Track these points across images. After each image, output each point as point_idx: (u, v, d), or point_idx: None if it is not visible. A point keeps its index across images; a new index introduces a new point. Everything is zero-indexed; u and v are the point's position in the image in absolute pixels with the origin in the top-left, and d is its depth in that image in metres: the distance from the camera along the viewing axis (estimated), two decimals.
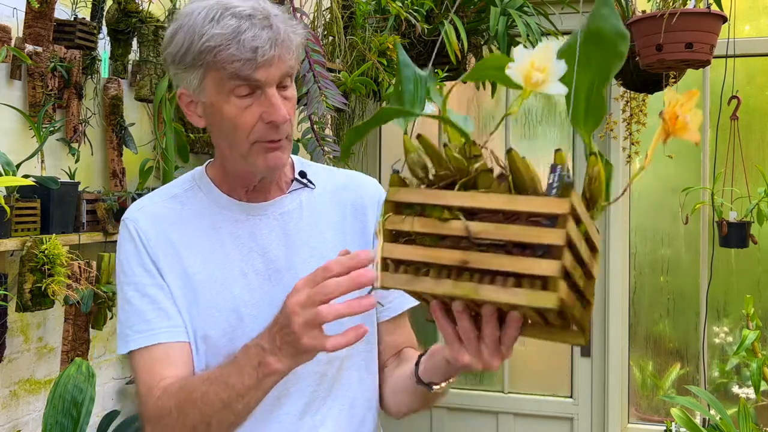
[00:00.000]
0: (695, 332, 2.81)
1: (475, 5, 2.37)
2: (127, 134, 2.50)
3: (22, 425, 2.16)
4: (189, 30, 1.00)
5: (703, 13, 2.08)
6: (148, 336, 1.07)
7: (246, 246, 1.12)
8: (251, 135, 1.03)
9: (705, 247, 2.71)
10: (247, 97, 1.01)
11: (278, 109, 1.01)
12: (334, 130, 2.61)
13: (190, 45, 1.00)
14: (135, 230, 1.11)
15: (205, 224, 1.12)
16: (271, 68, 1.00)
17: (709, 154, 2.70)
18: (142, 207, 1.14)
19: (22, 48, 2.05)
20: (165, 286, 1.09)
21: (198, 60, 1.00)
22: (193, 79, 1.03)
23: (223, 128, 1.05)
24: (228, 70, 0.98)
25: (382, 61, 2.16)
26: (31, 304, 1.97)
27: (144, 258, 1.09)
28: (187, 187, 1.16)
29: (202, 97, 1.04)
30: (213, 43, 0.98)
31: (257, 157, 1.05)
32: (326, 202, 1.19)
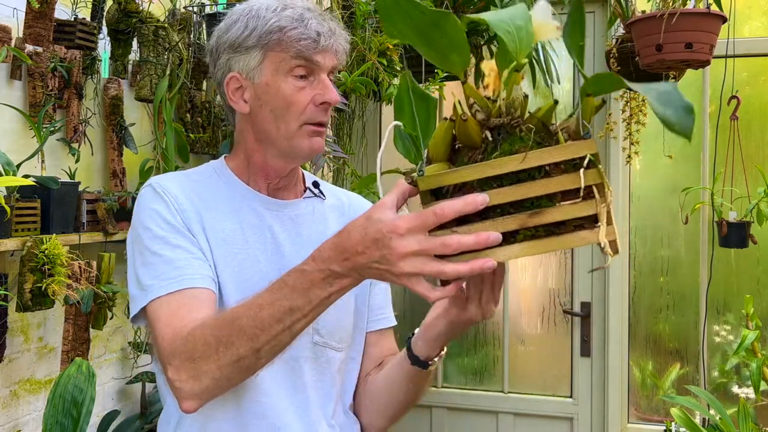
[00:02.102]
0: (695, 332, 2.81)
1: (475, 5, 2.37)
2: (127, 134, 2.50)
3: (23, 425, 2.16)
4: (253, 17, 1.09)
5: (703, 13, 2.08)
6: (179, 281, 1.03)
7: (263, 236, 1.14)
8: (303, 115, 1.09)
9: (705, 247, 2.71)
10: (303, 79, 1.09)
11: (332, 90, 1.10)
12: (334, 130, 2.61)
13: (254, 28, 1.08)
14: (163, 192, 1.11)
15: (227, 207, 1.14)
16: (327, 54, 1.09)
17: (709, 154, 2.70)
18: (167, 176, 1.16)
19: (23, 48, 2.05)
20: (195, 240, 1.08)
21: (263, 39, 1.08)
22: (252, 60, 1.09)
23: (275, 107, 1.10)
24: (293, 48, 1.07)
25: (382, 61, 2.17)
26: (31, 304, 1.97)
27: (175, 215, 1.09)
28: (206, 174, 1.19)
29: (257, 78, 1.10)
30: (283, 24, 1.07)
31: (303, 139, 1.10)
32: (333, 214, 1.24)
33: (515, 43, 0.76)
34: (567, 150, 0.73)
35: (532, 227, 0.73)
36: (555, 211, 0.73)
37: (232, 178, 1.18)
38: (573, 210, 0.73)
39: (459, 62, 0.77)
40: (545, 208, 0.73)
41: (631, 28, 2.23)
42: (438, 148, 0.80)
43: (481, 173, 0.73)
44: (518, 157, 0.73)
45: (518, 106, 0.78)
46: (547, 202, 0.73)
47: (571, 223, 0.74)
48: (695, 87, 2.75)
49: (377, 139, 3.06)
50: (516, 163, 0.73)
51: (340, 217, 1.24)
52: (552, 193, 0.73)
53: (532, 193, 0.73)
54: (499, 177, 0.74)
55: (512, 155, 0.74)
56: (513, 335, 2.99)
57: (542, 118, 0.76)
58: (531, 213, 0.73)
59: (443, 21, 0.73)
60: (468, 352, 3.05)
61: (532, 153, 0.73)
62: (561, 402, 2.93)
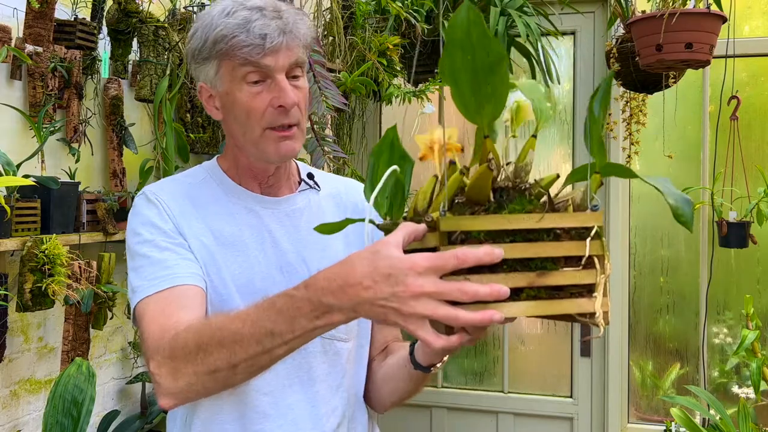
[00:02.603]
0: (695, 332, 2.81)
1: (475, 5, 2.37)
2: (127, 134, 2.50)
3: (23, 425, 2.16)
4: (206, 25, 1.08)
5: (703, 13, 2.08)
6: (168, 279, 1.04)
7: (260, 235, 1.14)
8: (262, 120, 1.07)
9: (705, 247, 2.71)
10: (257, 84, 1.07)
11: (287, 93, 1.06)
12: (334, 130, 2.61)
13: (206, 38, 1.08)
14: (157, 200, 1.12)
15: (222, 210, 1.15)
16: (278, 55, 1.06)
17: (709, 154, 2.70)
18: (160, 184, 1.17)
19: (23, 48, 2.05)
20: (187, 245, 1.09)
21: (213, 50, 1.07)
22: (210, 70, 1.10)
23: (237, 115, 1.09)
24: (238, 57, 1.05)
25: (382, 61, 2.16)
26: (31, 304, 1.97)
27: (166, 221, 1.10)
28: (200, 178, 1.19)
29: (219, 87, 1.10)
30: (225, 32, 1.05)
31: (268, 144, 1.09)
32: (330, 205, 1.24)
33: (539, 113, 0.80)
34: (579, 218, 0.77)
35: (536, 287, 0.76)
36: (559, 275, 0.76)
37: (225, 179, 1.18)
38: (576, 276, 0.76)
39: (490, 114, 0.76)
40: (550, 270, 0.76)
41: (631, 28, 2.23)
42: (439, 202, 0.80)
43: (498, 224, 0.75)
44: (535, 216, 0.75)
45: (528, 171, 0.81)
46: (552, 265, 0.76)
47: (569, 290, 0.77)
48: (695, 87, 2.75)
49: (377, 139, 3.06)
50: (532, 221, 0.75)
51: (337, 206, 1.24)
52: (557, 257, 0.76)
53: (543, 253, 0.75)
54: (512, 232, 0.75)
55: (528, 213, 0.76)
56: (513, 335, 2.99)
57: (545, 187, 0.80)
58: (539, 273, 0.75)
59: (499, 68, 0.72)
60: (468, 352, 3.05)
61: (549, 215, 0.76)
62: (561, 402, 2.93)
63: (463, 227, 0.75)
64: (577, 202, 0.79)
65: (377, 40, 2.18)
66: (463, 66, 0.73)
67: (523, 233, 0.75)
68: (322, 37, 2.26)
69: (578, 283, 0.76)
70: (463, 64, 0.73)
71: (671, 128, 2.68)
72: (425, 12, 2.32)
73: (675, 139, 2.77)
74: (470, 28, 0.71)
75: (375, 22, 2.27)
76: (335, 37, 2.21)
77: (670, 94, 2.54)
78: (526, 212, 0.76)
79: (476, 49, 0.71)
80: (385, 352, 1.26)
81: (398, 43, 2.21)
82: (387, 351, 1.26)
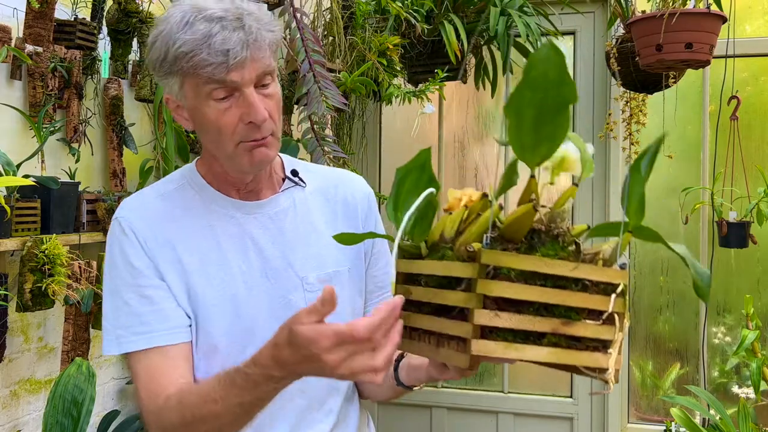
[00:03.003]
0: (695, 332, 2.81)
1: (475, 5, 2.37)
2: (127, 134, 2.50)
3: (23, 425, 2.16)
4: (165, 36, 1.01)
5: (703, 13, 2.08)
6: (147, 338, 1.06)
7: (242, 244, 1.11)
8: (234, 136, 1.03)
9: (705, 247, 2.71)
10: (225, 100, 1.02)
11: (256, 108, 1.01)
12: (334, 130, 2.61)
13: (166, 52, 1.01)
14: (130, 230, 1.09)
15: (200, 223, 1.11)
16: (244, 69, 1.00)
17: (709, 154, 2.70)
18: (134, 207, 1.12)
19: (23, 48, 2.05)
20: (164, 285, 1.08)
21: (174, 66, 1.01)
22: (174, 84, 1.04)
23: (207, 131, 1.05)
24: (202, 75, 0.99)
25: (382, 61, 2.16)
26: (31, 304, 1.97)
27: (142, 258, 1.08)
28: (177, 185, 1.15)
29: (185, 102, 1.05)
30: (185, 49, 0.98)
31: (242, 156, 1.05)
32: (318, 201, 1.20)
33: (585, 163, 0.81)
34: (608, 274, 0.77)
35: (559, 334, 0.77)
36: (582, 326, 0.77)
37: (203, 185, 1.14)
38: (597, 330, 0.77)
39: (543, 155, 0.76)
40: (574, 320, 0.76)
41: (631, 28, 2.23)
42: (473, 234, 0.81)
43: (535, 266, 0.75)
44: (570, 264, 0.76)
45: (564, 218, 0.81)
46: (576, 315, 0.77)
47: (586, 342, 0.78)
48: (695, 87, 2.75)
49: (377, 139, 3.06)
50: (567, 269, 0.76)
51: (326, 202, 1.20)
52: (581, 308, 0.77)
53: (570, 302, 0.76)
54: (544, 276, 0.76)
55: (562, 260, 0.77)
56: None
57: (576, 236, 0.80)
58: (564, 321, 0.76)
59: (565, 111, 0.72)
60: None
61: (583, 266, 0.76)
62: (561, 402, 2.93)
63: (504, 263, 0.75)
64: (606, 256, 0.80)
65: (377, 40, 2.18)
66: (531, 103, 0.72)
67: (554, 279, 0.76)
68: (322, 37, 2.26)
69: (597, 337, 0.77)
70: (532, 101, 0.72)
71: (671, 128, 2.68)
72: (425, 12, 2.32)
73: (675, 139, 2.77)
74: (548, 68, 0.70)
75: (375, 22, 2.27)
76: (335, 37, 2.21)
77: (670, 94, 2.54)
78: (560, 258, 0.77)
79: (549, 89, 0.71)
80: None
81: (398, 43, 2.21)
82: None
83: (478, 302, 0.74)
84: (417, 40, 2.31)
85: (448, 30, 2.22)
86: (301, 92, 1.81)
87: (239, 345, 1.08)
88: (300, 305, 1.11)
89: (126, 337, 1.07)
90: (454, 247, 0.82)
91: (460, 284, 0.78)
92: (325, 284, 1.10)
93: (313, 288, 1.13)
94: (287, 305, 1.11)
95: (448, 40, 2.20)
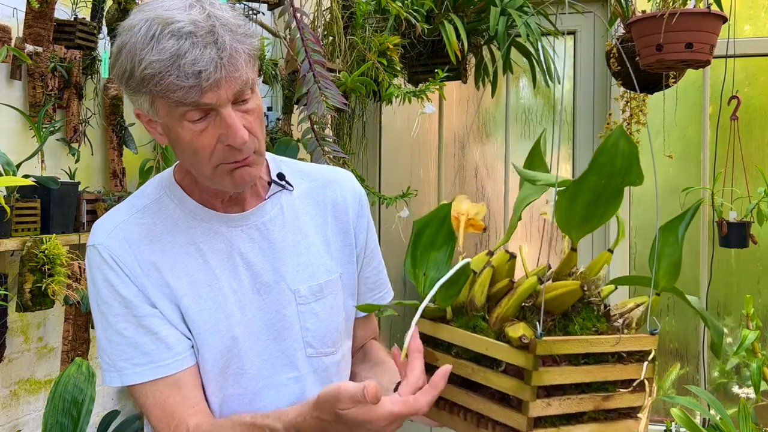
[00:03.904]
0: (695, 332, 2.81)
1: (475, 5, 2.37)
2: (127, 134, 2.50)
3: (22, 425, 2.16)
4: (130, 51, 0.92)
5: (703, 13, 2.08)
6: (152, 369, 1.01)
7: (230, 260, 1.06)
8: (213, 158, 0.96)
9: (705, 247, 2.71)
10: (200, 121, 0.93)
11: (235, 131, 0.93)
12: (334, 130, 2.60)
13: (132, 69, 0.92)
14: (111, 258, 1.02)
15: (183, 240, 1.05)
16: (220, 90, 0.91)
17: (709, 154, 2.69)
18: (112, 230, 1.04)
19: (22, 48, 2.05)
20: (157, 312, 1.02)
21: (141, 87, 0.92)
22: (144, 102, 0.95)
23: (183, 151, 0.98)
24: (172, 99, 0.90)
25: (382, 61, 2.16)
26: (31, 304, 1.97)
27: (129, 286, 1.01)
28: (155, 196, 1.08)
29: (158, 118, 0.97)
30: (152, 71, 0.89)
31: (223, 178, 0.99)
32: (306, 204, 1.14)
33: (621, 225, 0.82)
34: (642, 342, 0.77)
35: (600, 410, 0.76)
36: (618, 398, 0.77)
37: (183, 197, 1.07)
38: (631, 399, 0.77)
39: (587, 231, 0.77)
40: (612, 393, 0.76)
41: (631, 28, 2.23)
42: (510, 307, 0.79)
43: (583, 348, 0.75)
44: (611, 340, 0.76)
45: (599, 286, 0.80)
46: (612, 387, 0.77)
47: (618, 410, 0.78)
48: (695, 87, 2.75)
49: (377, 139, 3.06)
50: (609, 345, 0.76)
51: (315, 205, 1.15)
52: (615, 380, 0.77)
53: (610, 377, 0.76)
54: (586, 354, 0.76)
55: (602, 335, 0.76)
56: None
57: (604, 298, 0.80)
58: (604, 396, 0.76)
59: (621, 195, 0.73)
60: None
61: (624, 338, 0.76)
62: None
63: (555, 351, 0.73)
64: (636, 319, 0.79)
65: (377, 40, 2.17)
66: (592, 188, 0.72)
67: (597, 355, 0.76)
68: (322, 37, 2.26)
69: (632, 405, 0.77)
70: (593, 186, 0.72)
71: (671, 128, 2.68)
72: (425, 12, 2.32)
73: (675, 139, 2.77)
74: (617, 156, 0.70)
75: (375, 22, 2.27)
76: (335, 37, 2.21)
77: (670, 94, 2.54)
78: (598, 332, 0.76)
79: (614, 176, 0.71)
80: (363, 350, 1.24)
81: (398, 42, 2.21)
82: (365, 350, 1.24)
83: (532, 394, 0.72)
84: (417, 40, 2.31)
85: (448, 30, 2.22)
86: (301, 92, 1.81)
87: (237, 367, 1.06)
88: (293, 320, 1.08)
89: (128, 369, 1.02)
90: (487, 318, 0.79)
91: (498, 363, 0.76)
92: (317, 294, 1.10)
93: (305, 301, 1.09)
94: (281, 320, 1.08)
95: (448, 40, 2.20)
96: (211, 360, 1.04)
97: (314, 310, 1.10)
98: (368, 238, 1.20)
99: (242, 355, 1.06)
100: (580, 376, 0.74)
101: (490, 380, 0.76)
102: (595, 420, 0.76)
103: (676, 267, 0.77)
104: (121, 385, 1.03)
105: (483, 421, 0.78)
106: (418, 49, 2.35)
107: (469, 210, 0.88)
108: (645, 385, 0.77)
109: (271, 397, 1.08)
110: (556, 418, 0.74)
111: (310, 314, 1.10)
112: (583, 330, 0.76)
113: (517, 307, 0.78)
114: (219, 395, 1.06)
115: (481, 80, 2.57)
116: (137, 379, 1.02)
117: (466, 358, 0.79)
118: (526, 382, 0.72)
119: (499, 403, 0.76)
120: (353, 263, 1.17)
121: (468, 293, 0.82)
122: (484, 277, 0.81)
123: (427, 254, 0.82)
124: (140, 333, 1.01)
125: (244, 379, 1.06)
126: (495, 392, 0.76)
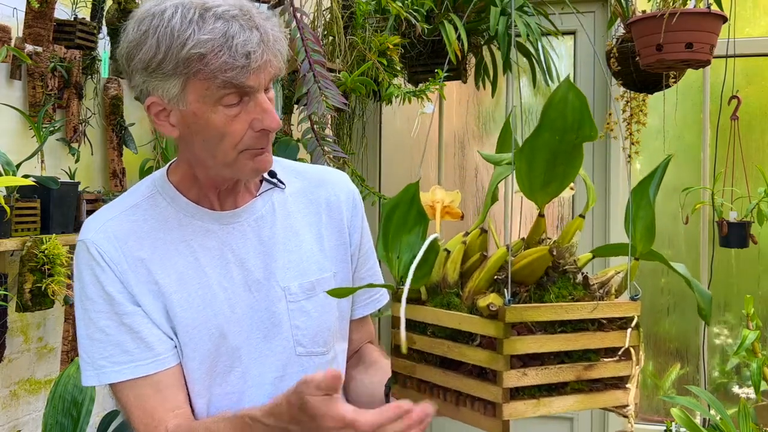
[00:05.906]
0: (695, 332, 2.81)
1: (475, 5, 2.37)
2: (127, 134, 2.50)
3: (22, 425, 2.16)
4: (164, 34, 0.90)
5: (703, 13, 2.08)
6: (131, 368, 1.00)
7: (221, 258, 1.05)
8: (240, 144, 0.97)
9: (705, 247, 2.71)
10: (235, 106, 0.94)
11: (272, 115, 0.96)
12: (334, 130, 2.60)
13: (168, 51, 0.90)
14: (98, 253, 1.02)
15: (174, 238, 1.04)
16: (261, 74, 0.93)
17: (709, 154, 2.69)
18: (101, 226, 1.04)
19: (22, 48, 2.05)
20: (140, 311, 1.01)
21: (182, 68, 0.91)
22: (171, 87, 0.94)
23: (207, 138, 0.97)
24: (219, 79, 0.90)
25: (382, 61, 2.16)
26: (31, 304, 1.97)
27: (114, 282, 1.01)
28: (147, 194, 1.07)
29: (182, 106, 0.95)
30: (203, 50, 0.89)
31: (245, 164, 0.99)
32: (299, 202, 1.14)
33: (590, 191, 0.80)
34: (623, 308, 0.76)
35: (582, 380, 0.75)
36: (603, 367, 0.75)
37: (177, 196, 1.06)
38: (616, 368, 0.75)
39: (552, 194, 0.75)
40: (594, 362, 0.75)
41: (631, 28, 2.23)
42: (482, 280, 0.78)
43: (557, 315, 0.73)
44: (588, 306, 0.74)
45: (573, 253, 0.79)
46: (595, 356, 0.75)
47: (605, 381, 0.76)
48: (695, 87, 2.75)
49: (377, 139, 3.06)
50: (586, 311, 0.74)
51: (308, 204, 1.14)
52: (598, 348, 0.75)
53: (590, 345, 0.74)
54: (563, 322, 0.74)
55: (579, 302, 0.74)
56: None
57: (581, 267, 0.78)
58: (587, 366, 0.74)
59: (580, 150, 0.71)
60: None
61: (602, 305, 0.74)
62: None
63: (527, 318, 0.72)
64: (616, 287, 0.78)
65: (377, 40, 2.17)
66: (547, 145, 0.70)
67: (574, 322, 0.74)
68: (322, 37, 2.26)
69: (618, 375, 0.75)
70: (548, 143, 0.70)
71: (671, 128, 2.68)
72: (425, 12, 2.32)
73: (675, 139, 2.77)
74: (567, 110, 0.69)
75: (375, 21, 2.27)
76: (335, 37, 2.21)
77: (670, 94, 2.54)
78: (574, 300, 0.75)
79: (567, 131, 0.69)
80: (359, 354, 1.23)
81: (398, 42, 2.21)
82: (360, 354, 1.22)
83: (505, 364, 0.71)
84: (417, 39, 2.31)
85: (448, 30, 2.22)
86: (301, 92, 1.81)
87: (225, 365, 1.05)
88: (283, 317, 1.07)
89: (107, 367, 1.01)
90: (461, 294, 0.78)
91: (473, 337, 0.75)
92: (309, 292, 1.09)
93: (296, 298, 1.08)
94: (272, 317, 1.07)
95: (448, 39, 2.20)
96: (199, 358, 1.03)
97: (305, 308, 1.09)
98: (363, 238, 1.19)
99: (231, 353, 1.05)
100: (558, 344, 0.72)
101: (466, 355, 0.75)
102: (579, 391, 0.74)
103: (651, 229, 0.75)
104: (99, 384, 1.02)
105: (462, 398, 0.76)
106: (418, 49, 2.35)
107: (444, 198, 0.87)
108: (631, 353, 0.75)
109: (260, 396, 1.06)
110: (535, 389, 0.73)
111: (301, 312, 1.08)
112: (559, 298, 0.74)
113: (489, 280, 0.76)
114: (206, 395, 1.05)
115: (481, 80, 2.57)
116: (115, 378, 1.01)
117: (441, 336, 0.78)
118: (498, 352, 0.71)
119: (476, 378, 0.74)
120: (348, 262, 1.16)
121: (441, 271, 0.81)
122: (456, 254, 0.80)
123: (399, 237, 0.80)
124: (121, 331, 1.01)
125: (231, 377, 1.05)
126: (472, 368, 0.75)
